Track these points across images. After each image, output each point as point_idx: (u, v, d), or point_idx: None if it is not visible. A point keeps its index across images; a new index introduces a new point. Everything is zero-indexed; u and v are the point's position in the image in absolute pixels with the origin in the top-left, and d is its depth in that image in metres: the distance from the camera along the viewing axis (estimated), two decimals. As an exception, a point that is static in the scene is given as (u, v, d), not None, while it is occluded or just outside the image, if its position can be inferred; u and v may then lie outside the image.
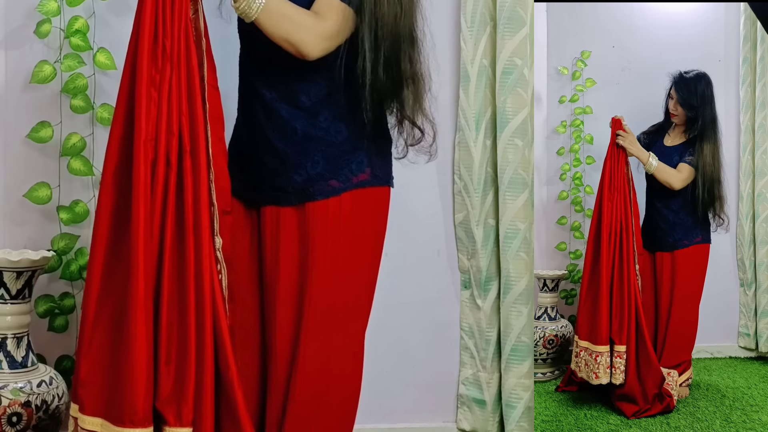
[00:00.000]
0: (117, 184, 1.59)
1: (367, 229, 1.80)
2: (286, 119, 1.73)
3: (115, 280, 1.57)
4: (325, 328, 1.75)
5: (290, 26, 1.61)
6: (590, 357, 3.02)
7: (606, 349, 3.00)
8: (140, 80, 1.55)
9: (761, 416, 3.02)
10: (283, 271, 1.75)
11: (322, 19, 1.64)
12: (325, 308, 1.74)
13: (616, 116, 3.18)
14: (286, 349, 1.75)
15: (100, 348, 1.56)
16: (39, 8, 2.19)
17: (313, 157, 1.72)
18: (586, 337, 3.05)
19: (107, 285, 1.57)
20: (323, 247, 1.73)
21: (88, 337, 1.56)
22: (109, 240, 1.58)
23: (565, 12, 3.79)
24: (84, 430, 1.55)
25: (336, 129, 1.74)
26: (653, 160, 3.18)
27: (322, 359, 1.75)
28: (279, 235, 1.75)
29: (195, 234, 1.58)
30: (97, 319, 1.56)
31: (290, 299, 1.75)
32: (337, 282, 1.75)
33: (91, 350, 1.56)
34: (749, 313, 3.97)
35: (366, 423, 2.46)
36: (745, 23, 3.96)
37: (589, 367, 3.02)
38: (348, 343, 1.80)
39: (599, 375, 2.99)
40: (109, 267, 1.58)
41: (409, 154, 1.82)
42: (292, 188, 1.74)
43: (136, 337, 1.51)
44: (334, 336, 1.76)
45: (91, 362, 1.56)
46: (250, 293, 1.83)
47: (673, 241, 3.25)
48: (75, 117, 2.26)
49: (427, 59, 1.76)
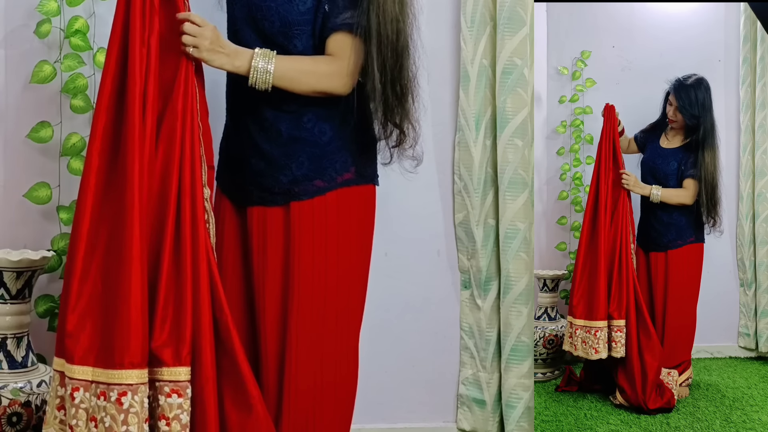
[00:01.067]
0: (106, 133, 1.61)
1: (354, 228, 1.82)
2: (272, 122, 1.76)
3: (102, 233, 1.58)
4: (315, 326, 1.76)
5: (314, 79, 1.71)
6: (588, 334, 3.06)
7: (604, 324, 3.06)
8: (133, 32, 1.58)
9: (761, 416, 3.02)
10: (270, 270, 1.77)
11: (339, 60, 1.72)
12: (315, 307, 1.76)
13: (609, 103, 3.24)
14: (276, 349, 1.77)
15: (89, 299, 1.57)
16: (39, 8, 2.19)
17: (298, 158, 1.75)
18: (583, 315, 3.10)
19: (93, 239, 1.57)
20: (310, 246, 1.75)
21: (75, 290, 1.56)
22: (95, 196, 1.59)
23: (565, 12, 3.79)
24: (73, 380, 1.54)
25: (320, 130, 1.76)
26: (656, 190, 3.25)
27: (314, 359, 1.76)
28: (266, 234, 1.78)
29: (191, 185, 1.61)
30: (84, 273, 1.57)
31: (278, 299, 1.77)
32: (326, 281, 1.76)
33: (80, 303, 1.56)
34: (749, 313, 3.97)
35: (366, 423, 2.46)
36: (745, 23, 3.96)
37: (587, 344, 3.06)
38: (340, 343, 1.81)
39: (599, 350, 3.04)
40: (95, 222, 1.58)
41: (398, 162, 1.85)
42: (278, 189, 1.76)
43: (132, 282, 1.52)
44: (325, 335, 1.77)
45: (80, 314, 1.56)
46: (237, 292, 1.85)
47: (667, 241, 3.30)
48: (75, 117, 2.26)
49: (417, 68, 1.79)
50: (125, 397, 1.51)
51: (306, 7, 1.72)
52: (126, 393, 1.51)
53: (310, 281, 1.75)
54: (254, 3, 1.74)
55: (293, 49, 1.73)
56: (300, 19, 1.72)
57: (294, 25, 1.72)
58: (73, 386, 1.54)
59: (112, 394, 1.51)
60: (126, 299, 1.52)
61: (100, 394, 1.52)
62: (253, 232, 1.80)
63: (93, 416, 1.53)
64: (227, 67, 1.68)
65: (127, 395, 1.51)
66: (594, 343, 3.04)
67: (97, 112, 1.61)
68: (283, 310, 1.76)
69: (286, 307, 1.76)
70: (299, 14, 1.71)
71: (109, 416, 1.51)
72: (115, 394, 1.51)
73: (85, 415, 1.54)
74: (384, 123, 1.76)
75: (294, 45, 1.73)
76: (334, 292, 1.78)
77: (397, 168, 1.89)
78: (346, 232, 1.79)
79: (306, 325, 1.75)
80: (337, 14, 1.71)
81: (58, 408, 1.58)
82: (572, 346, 3.12)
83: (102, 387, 1.53)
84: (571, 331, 3.13)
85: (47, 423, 1.59)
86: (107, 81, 1.60)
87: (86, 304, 1.57)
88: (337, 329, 1.79)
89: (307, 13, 1.72)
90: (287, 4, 1.71)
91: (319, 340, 1.76)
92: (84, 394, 1.54)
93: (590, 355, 3.05)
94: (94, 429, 1.52)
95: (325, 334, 1.77)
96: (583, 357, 3.10)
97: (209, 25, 1.65)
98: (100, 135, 1.60)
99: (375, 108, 1.75)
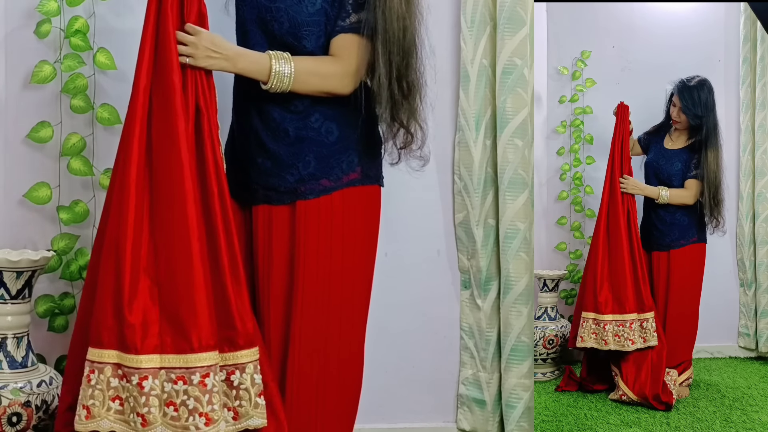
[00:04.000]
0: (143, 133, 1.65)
1: (359, 227, 1.82)
2: (279, 122, 1.76)
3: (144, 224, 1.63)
4: (319, 324, 1.77)
5: (318, 80, 1.72)
6: (622, 327, 3.15)
7: (635, 316, 3.17)
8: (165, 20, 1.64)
9: (761, 416, 3.02)
10: (276, 267, 1.77)
11: (341, 60, 1.73)
12: (319, 305, 1.76)
13: (623, 102, 3.30)
14: (279, 345, 1.77)
15: (149, 290, 1.62)
16: (39, 8, 2.18)
17: (305, 157, 1.76)
18: (615, 310, 3.17)
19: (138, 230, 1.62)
20: (315, 244, 1.75)
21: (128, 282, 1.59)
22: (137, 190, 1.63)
23: (565, 12, 3.79)
24: (141, 369, 1.57)
25: (327, 129, 1.77)
26: (663, 192, 3.28)
27: (318, 356, 1.77)
28: (271, 233, 1.78)
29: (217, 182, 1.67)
30: (134, 263, 1.60)
31: (284, 296, 1.77)
32: (331, 279, 1.77)
33: (137, 294, 1.60)
34: (749, 313, 3.97)
35: (366, 423, 2.46)
36: (745, 23, 3.96)
37: (622, 336, 3.14)
38: (344, 341, 1.81)
39: (635, 341, 3.14)
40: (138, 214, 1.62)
41: (404, 161, 1.85)
42: (285, 188, 1.77)
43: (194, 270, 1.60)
44: (329, 333, 1.78)
45: (141, 304, 1.60)
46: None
47: (670, 241, 3.32)
48: (75, 117, 2.26)
49: (424, 67, 1.80)
50: (208, 379, 1.58)
51: (315, 8, 1.73)
52: (209, 374, 1.58)
53: (315, 279, 1.76)
54: (263, 5, 1.74)
55: (302, 50, 1.74)
56: (309, 20, 1.73)
57: (303, 26, 1.73)
58: (141, 375, 1.57)
59: (194, 377, 1.57)
60: (194, 288, 1.59)
61: (178, 378, 1.57)
62: (258, 231, 1.80)
63: (170, 401, 1.57)
64: (230, 71, 1.69)
65: (210, 376, 1.57)
66: (630, 335, 3.13)
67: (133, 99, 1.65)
68: (288, 307, 1.77)
69: (292, 302, 1.76)
70: (308, 15, 1.72)
71: (193, 398, 1.57)
72: (198, 377, 1.57)
73: (157, 401, 1.57)
74: (390, 122, 1.77)
75: (303, 45, 1.74)
76: (338, 291, 1.79)
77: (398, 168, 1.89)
78: (351, 231, 1.80)
79: (310, 322, 1.76)
80: (345, 16, 1.73)
81: (113, 399, 1.59)
82: (600, 341, 3.16)
83: (178, 372, 1.57)
84: (596, 328, 3.17)
85: (93, 416, 1.59)
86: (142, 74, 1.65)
87: (147, 295, 1.61)
88: (341, 327, 1.80)
89: (316, 14, 1.73)
90: (296, 6, 1.72)
91: (323, 338, 1.77)
92: (154, 381, 1.57)
93: (627, 347, 3.13)
94: (174, 413, 1.57)
95: (329, 331, 1.78)
96: (616, 349, 3.16)
97: (202, 33, 1.66)
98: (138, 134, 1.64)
99: (381, 106, 1.75)
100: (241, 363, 1.64)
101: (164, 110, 1.63)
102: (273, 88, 1.69)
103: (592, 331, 3.17)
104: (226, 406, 1.63)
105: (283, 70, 1.68)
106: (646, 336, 3.16)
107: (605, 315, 3.16)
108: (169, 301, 1.61)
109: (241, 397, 1.64)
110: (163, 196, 1.63)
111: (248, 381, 1.64)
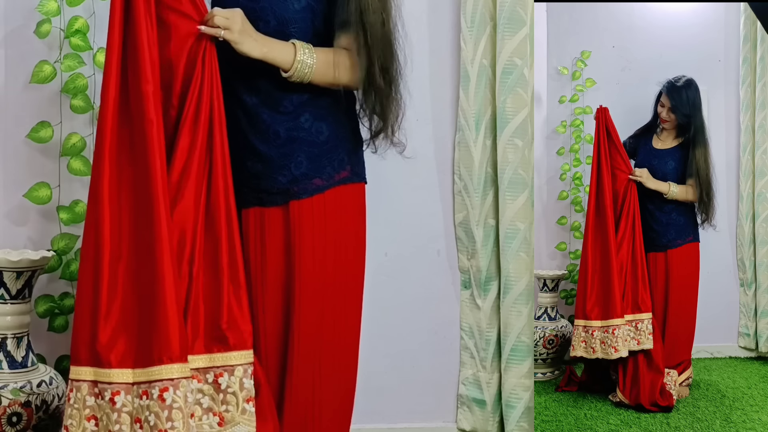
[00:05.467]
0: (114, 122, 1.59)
1: (350, 224, 1.83)
2: (269, 123, 1.75)
3: (123, 236, 1.57)
4: (316, 323, 1.76)
5: (338, 71, 1.72)
6: (606, 333, 3.09)
7: (622, 321, 3.10)
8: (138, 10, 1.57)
9: (761, 416, 3.02)
10: (270, 269, 1.77)
11: (353, 54, 1.73)
12: (317, 304, 1.76)
13: (602, 105, 3.28)
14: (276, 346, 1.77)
15: (122, 306, 1.55)
16: (39, 8, 2.18)
17: (297, 157, 1.76)
18: (601, 316, 3.12)
19: (116, 244, 1.56)
20: (311, 243, 1.75)
21: (105, 298, 1.53)
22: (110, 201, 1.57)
23: (565, 12, 3.79)
24: (112, 384, 1.51)
25: (317, 129, 1.77)
26: (674, 187, 3.28)
27: (315, 357, 1.76)
28: (264, 235, 1.78)
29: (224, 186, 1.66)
30: (112, 279, 1.55)
31: (279, 297, 1.77)
32: (326, 276, 1.77)
33: (112, 310, 1.54)
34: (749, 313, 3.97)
35: (366, 423, 2.46)
36: (745, 23, 3.96)
37: (607, 343, 3.08)
38: (340, 341, 1.81)
39: (618, 348, 3.07)
40: (115, 227, 1.56)
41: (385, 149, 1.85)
42: (277, 189, 1.76)
43: (165, 283, 1.52)
44: (325, 332, 1.78)
45: (115, 322, 1.54)
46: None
47: (666, 241, 3.33)
48: (75, 117, 2.26)
49: (405, 59, 1.81)
50: (167, 393, 1.50)
51: (301, 5, 1.73)
52: (167, 389, 1.50)
53: (312, 279, 1.75)
54: (245, 5, 1.73)
55: None
56: (296, 17, 1.73)
57: (291, 23, 1.73)
58: (113, 390, 1.52)
59: (153, 391, 1.50)
60: (162, 299, 1.52)
61: (143, 393, 1.52)
62: (249, 234, 1.79)
63: (137, 418, 1.52)
64: (255, 53, 1.66)
65: (169, 390, 1.50)
66: (613, 342, 3.07)
67: (102, 109, 1.58)
68: (285, 309, 1.77)
69: (288, 305, 1.76)
70: (295, 12, 1.73)
71: (153, 414, 1.50)
72: (156, 391, 1.50)
73: (129, 418, 1.52)
74: (370, 113, 1.78)
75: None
76: (334, 287, 1.78)
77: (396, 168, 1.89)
78: (344, 229, 1.80)
79: (309, 323, 1.76)
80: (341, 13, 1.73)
81: (88, 419, 1.54)
82: (588, 350, 3.11)
83: (144, 386, 1.52)
84: (585, 336, 3.12)
85: None
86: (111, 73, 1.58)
87: (120, 311, 1.55)
88: (337, 326, 1.80)
89: (302, 11, 1.73)
90: (282, 3, 1.72)
91: (321, 338, 1.77)
92: (126, 397, 1.52)
93: (610, 354, 3.06)
94: (140, 430, 1.51)
95: (326, 331, 1.78)
96: (602, 358, 3.10)
97: (238, 10, 1.66)
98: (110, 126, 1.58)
99: (361, 97, 1.76)
100: (230, 365, 1.61)
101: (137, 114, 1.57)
102: (294, 76, 1.69)
103: (581, 339, 3.14)
104: (211, 410, 1.59)
105: (305, 60, 1.68)
106: (640, 338, 3.11)
107: (593, 321, 3.13)
108: (141, 312, 1.55)
109: (228, 401, 1.60)
110: (137, 204, 1.58)
111: (236, 385, 1.60)
